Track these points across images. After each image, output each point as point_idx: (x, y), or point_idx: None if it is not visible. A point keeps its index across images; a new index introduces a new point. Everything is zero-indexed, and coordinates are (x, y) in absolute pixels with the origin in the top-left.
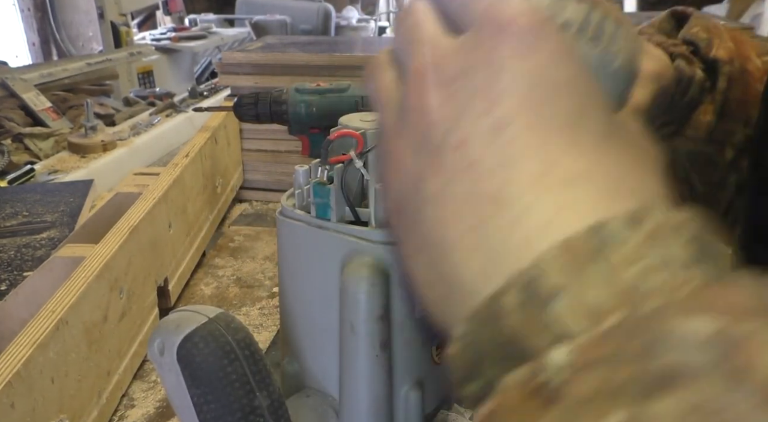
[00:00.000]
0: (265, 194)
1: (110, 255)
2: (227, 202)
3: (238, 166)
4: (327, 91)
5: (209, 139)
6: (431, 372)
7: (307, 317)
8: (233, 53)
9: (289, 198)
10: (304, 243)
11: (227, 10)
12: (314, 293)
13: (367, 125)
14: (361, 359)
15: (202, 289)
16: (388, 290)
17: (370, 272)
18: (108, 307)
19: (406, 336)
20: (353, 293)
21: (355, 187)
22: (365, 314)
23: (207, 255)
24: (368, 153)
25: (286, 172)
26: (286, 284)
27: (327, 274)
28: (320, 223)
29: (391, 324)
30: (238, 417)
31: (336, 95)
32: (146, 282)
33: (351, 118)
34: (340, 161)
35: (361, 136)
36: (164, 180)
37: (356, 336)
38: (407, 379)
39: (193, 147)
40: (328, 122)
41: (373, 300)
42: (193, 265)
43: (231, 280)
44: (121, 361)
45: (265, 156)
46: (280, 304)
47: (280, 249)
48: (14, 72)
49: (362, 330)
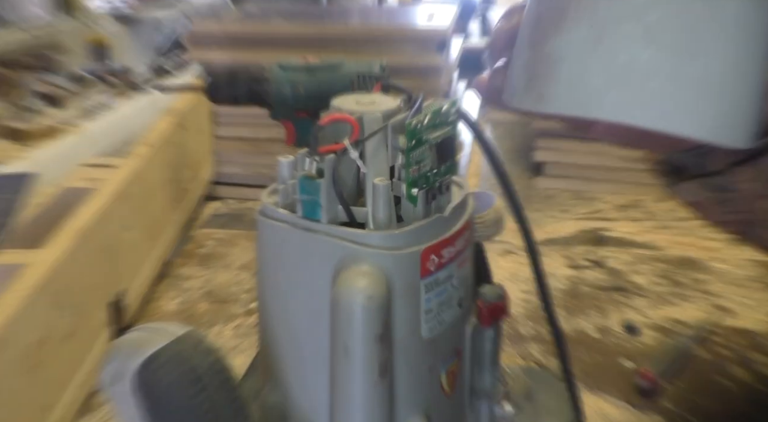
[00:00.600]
0: (242, 190)
1: (55, 263)
2: (196, 200)
3: (209, 157)
4: (316, 68)
5: (176, 125)
6: (440, 403)
7: (292, 337)
8: (206, 22)
9: (271, 195)
10: (288, 248)
11: None
12: (301, 308)
13: (364, 108)
14: (356, 387)
15: (165, 305)
16: (389, 304)
17: (368, 282)
18: (50, 326)
19: (410, 360)
20: (347, 308)
21: (350, 182)
22: (361, 333)
23: (172, 263)
24: (365, 141)
25: (267, 164)
26: (267, 298)
27: (316, 285)
28: (308, 225)
29: (392, 346)
30: None
31: (327, 73)
32: (97, 296)
33: (345, 100)
34: (331, 151)
35: (356, 121)
36: (121, 173)
37: (351, 360)
38: (412, 411)
39: (156, 134)
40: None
41: (370, 316)
42: (155, 276)
43: (200, 294)
44: (62, 392)
45: (242, 145)
46: (260, 322)
47: (260, 256)
48: None
49: (358, 353)
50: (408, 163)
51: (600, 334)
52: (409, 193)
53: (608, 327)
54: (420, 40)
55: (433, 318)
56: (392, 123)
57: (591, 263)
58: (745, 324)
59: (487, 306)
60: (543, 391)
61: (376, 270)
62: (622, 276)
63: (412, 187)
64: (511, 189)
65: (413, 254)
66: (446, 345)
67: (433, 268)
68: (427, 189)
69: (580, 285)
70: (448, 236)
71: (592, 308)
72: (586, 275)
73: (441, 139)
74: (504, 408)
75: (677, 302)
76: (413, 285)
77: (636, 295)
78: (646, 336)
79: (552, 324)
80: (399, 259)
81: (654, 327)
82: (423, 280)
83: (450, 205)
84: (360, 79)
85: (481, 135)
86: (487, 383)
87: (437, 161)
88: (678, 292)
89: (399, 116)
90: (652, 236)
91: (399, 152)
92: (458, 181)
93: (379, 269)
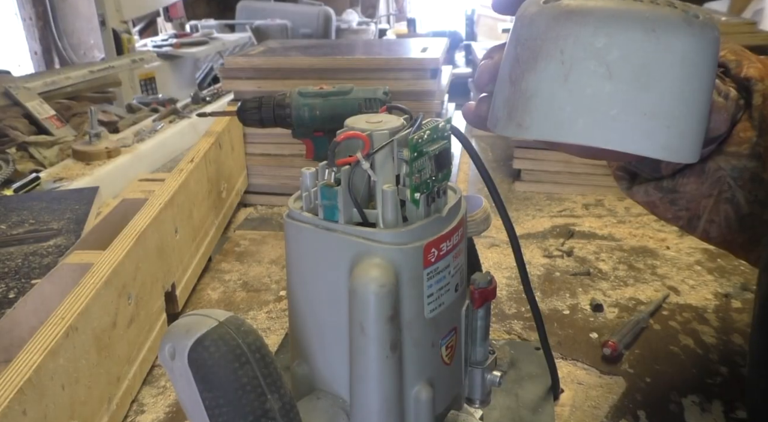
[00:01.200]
0: (270, 198)
1: (118, 261)
2: (232, 207)
3: (242, 171)
4: (330, 94)
5: (213, 144)
6: (441, 373)
7: (316, 319)
8: (236, 58)
9: (296, 200)
10: (312, 245)
11: (228, 15)
12: (323, 295)
13: (373, 126)
14: (371, 360)
15: (209, 294)
16: (398, 290)
17: (379, 273)
18: (117, 313)
19: (416, 336)
20: (362, 294)
21: (363, 189)
22: (375, 315)
23: (213, 260)
24: (375, 154)
25: (291, 176)
26: (295, 287)
27: (336, 276)
28: (328, 225)
29: (400, 325)
30: (250, 420)
31: (339, 98)
32: (154, 288)
33: (357, 120)
34: (347, 163)
35: (367, 137)
36: (170, 185)
37: (366, 338)
38: (417, 380)
39: (197, 152)
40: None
41: (382, 301)
42: (200, 270)
43: (238, 285)
44: (130, 367)
45: (269, 160)
46: (289, 307)
47: (288, 252)
48: (17, 81)
49: (372, 332)
50: (411, 172)
51: (571, 312)
52: (412, 197)
53: (578, 306)
54: (416, 69)
55: (434, 301)
56: (397, 138)
57: (562, 253)
58: (691, 301)
59: (479, 290)
60: (525, 360)
61: (386, 263)
62: (589, 263)
63: (415, 191)
64: (496, 192)
65: (417, 248)
66: (445, 323)
67: (434, 259)
68: (427, 193)
69: (553, 272)
70: (445, 232)
71: (564, 290)
72: (558, 263)
73: (438, 151)
74: (493, 374)
75: (635, 284)
76: (417, 274)
77: (600, 279)
78: (609, 312)
79: (531, 304)
80: (405, 253)
81: (616, 305)
82: (425, 270)
83: (446, 207)
84: (367, 102)
85: (470, 147)
86: (479, 354)
87: (435, 170)
88: (635, 276)
89: (403, 133)
90: (613, 229)
91: (403, 163)
92: (452, 186)
93: (388, 261)
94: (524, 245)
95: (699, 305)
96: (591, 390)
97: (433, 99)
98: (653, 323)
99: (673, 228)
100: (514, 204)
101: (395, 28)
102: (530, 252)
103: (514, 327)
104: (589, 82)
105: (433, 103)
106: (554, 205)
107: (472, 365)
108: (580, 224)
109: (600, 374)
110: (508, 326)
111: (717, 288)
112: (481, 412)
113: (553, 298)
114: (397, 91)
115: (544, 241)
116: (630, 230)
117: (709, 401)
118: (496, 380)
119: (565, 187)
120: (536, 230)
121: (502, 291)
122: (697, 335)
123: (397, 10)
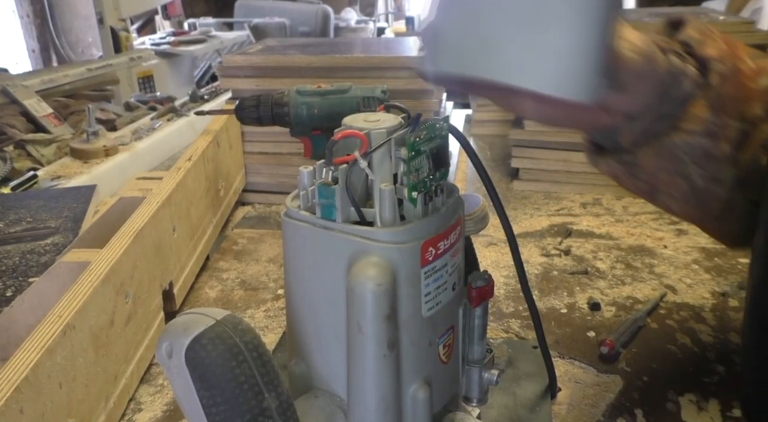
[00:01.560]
0: (268, 196)
1: (115, 259)
2: (230, 205)
3: (240, 169)
4: (328, 92)
5: (211, 143)
6: (439, 371)
7: (314, 318)
8: (234, 56)
9: (293, 199)
10: (309, 244)
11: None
12: (321, 294)
13: (371, 125)
14: (368, 359)
15: (207, 292)
16: (395, 289)
17: (377, 272)
18: (114, 312)
19: (413, 335)
20: (360, 293)
21: (360, 188)
22: (372, 314)
23: (211, 258)
24: (372, 153)
25: (289, 174)
26: (293, 285)
27: (333, 275)
28: (325, 224)
29: (398, 324)
30: (247, 419)
31: (337, 96)
32: (151, 286)
33: (354, 119)
34: (344, 162)
35: (365, 136)
36: (167, 184)
37: (363, 336)
38: (415, 378)
39: (195, 150)
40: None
41: (379, 299)
42: (198, 269)
43: (235, 283)
44: (127, 365)
45: (267, 158)
46: (287, 306)
47: (286, 251)
48: (15, 79)
49: (369, 330)
50: (408, 171)
51: (568, 310)
52: (410, 195)
53: (575, 305)
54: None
55: (431, 300)
56: (395, 137)
57: (560, 252)
58: (688, 300)
59: (476, 289)
60: (522, 359)
61: (384, 261)
62: (586, 262)
63: (413, 190)
64: (493, 191)
65: (414, 247)
66: (443, 322)
67: (431, 258)
68: (424, 192)
69: (551, 270)
70: (443, 231)
71: (562, 289)
72: (556, 262)
73: (436, 150)
74: (491, 373)
75: (632, 283)
76: (415, 273)
77: (598, 278)
78: (607, 311)
79: (528, 303)
80: (402, 251)
81: (613, 304)
82: (423, 269)
83: (444, 206)
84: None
85: (468, 146)
86: (476, 353)
87: (433, 169)
88: (632, 274)
89: (400, 131)
90: (610, 228)
91: (401, 161)
92: (450, 185)
93: (386, 260)
94: (522, 244)
95: (696, 304)
96: (588, 388)
97: (432, 98)
98: (650, 322)
99: (671, 228)
100: (512, 203)
101: (394, 26)
102: (528, 251)
103: (512, 325)
104: (491, 26)
105: (431, 102)
106: (552, 204)
107: (470, 364)
108: (578, 223)
109: (597, 372)
110: (505, 325)
111: (714, 286)
112: (478, 411)
113: (550, 297)
114: (395, 90)
115: (541, 240)
116: (627, 229)
117: (706, 399)
118: (494, 379)
119: (563, 185)
120: (534, 229)
121: (499, 290)
122: (695, 334)
123: (395, 8)
